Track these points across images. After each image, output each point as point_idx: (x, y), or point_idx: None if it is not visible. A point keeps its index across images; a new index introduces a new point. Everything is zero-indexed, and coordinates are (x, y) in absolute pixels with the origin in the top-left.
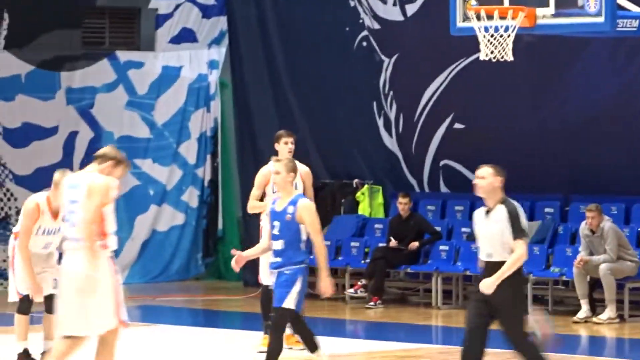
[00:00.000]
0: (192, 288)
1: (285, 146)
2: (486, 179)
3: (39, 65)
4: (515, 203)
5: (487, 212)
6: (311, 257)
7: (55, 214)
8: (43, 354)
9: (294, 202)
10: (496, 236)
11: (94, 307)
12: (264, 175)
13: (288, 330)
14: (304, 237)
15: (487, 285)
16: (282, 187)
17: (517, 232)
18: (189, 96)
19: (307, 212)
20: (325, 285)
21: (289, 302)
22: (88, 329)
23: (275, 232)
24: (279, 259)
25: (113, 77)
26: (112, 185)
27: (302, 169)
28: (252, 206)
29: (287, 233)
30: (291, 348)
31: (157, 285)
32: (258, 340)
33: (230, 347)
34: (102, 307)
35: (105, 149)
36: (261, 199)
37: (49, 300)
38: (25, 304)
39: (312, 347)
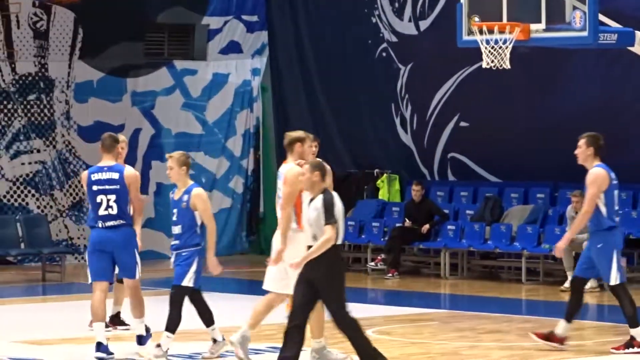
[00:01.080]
0: (238, 261)
1: (309, 149)
2: (305, 174)
3: (108, 73)
4: (334, 195)
5: (311, 200)
6: (346, 231)
7: None
8: (112, 317)
9: (188, 192)
10: (315, 221)
11: (287, 272)
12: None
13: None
14: (198, 222)
15: (293, 265)
16: (177, 179)
17: (328, 218)
18: (235, 98)
19: (199, 200)
20: (212, 264)
21: (187, 281)
22: (283, 289)
23: (174, 218)
24: (177, 242)
25: (171, 83)
26: (301, 176)
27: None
28: None
29: (183, 219)
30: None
31: None
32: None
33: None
34: (292, 273)
35: (287, 135)
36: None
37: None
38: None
39: (208, 322)
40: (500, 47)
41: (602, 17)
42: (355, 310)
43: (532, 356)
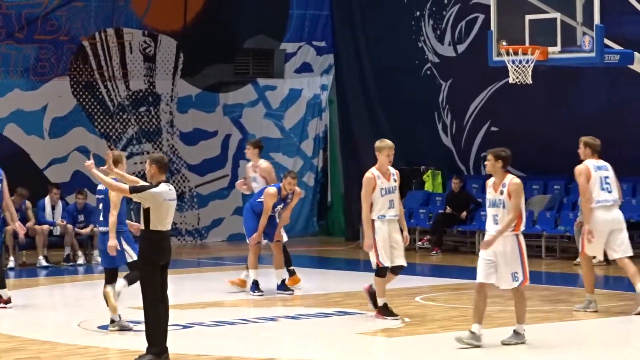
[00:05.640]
0: (310, 242)
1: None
2: (147, 167)
3: (204, 89)
4: (159, 188)
5: None
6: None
7: (387, 176)
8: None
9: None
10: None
11: None
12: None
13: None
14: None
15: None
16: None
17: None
18: (308, 109)
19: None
20: (110, 246)
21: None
22: None
23: (100, 207)
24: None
25: (255, 97)
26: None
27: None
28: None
29: (107, 209)
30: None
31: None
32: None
33: (336, 282)
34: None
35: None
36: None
37: (398, 268)
38: (383, 271)
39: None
40: (524, 66)
41: (607, 41)
42: (406, 281)
43: (550, 318)
